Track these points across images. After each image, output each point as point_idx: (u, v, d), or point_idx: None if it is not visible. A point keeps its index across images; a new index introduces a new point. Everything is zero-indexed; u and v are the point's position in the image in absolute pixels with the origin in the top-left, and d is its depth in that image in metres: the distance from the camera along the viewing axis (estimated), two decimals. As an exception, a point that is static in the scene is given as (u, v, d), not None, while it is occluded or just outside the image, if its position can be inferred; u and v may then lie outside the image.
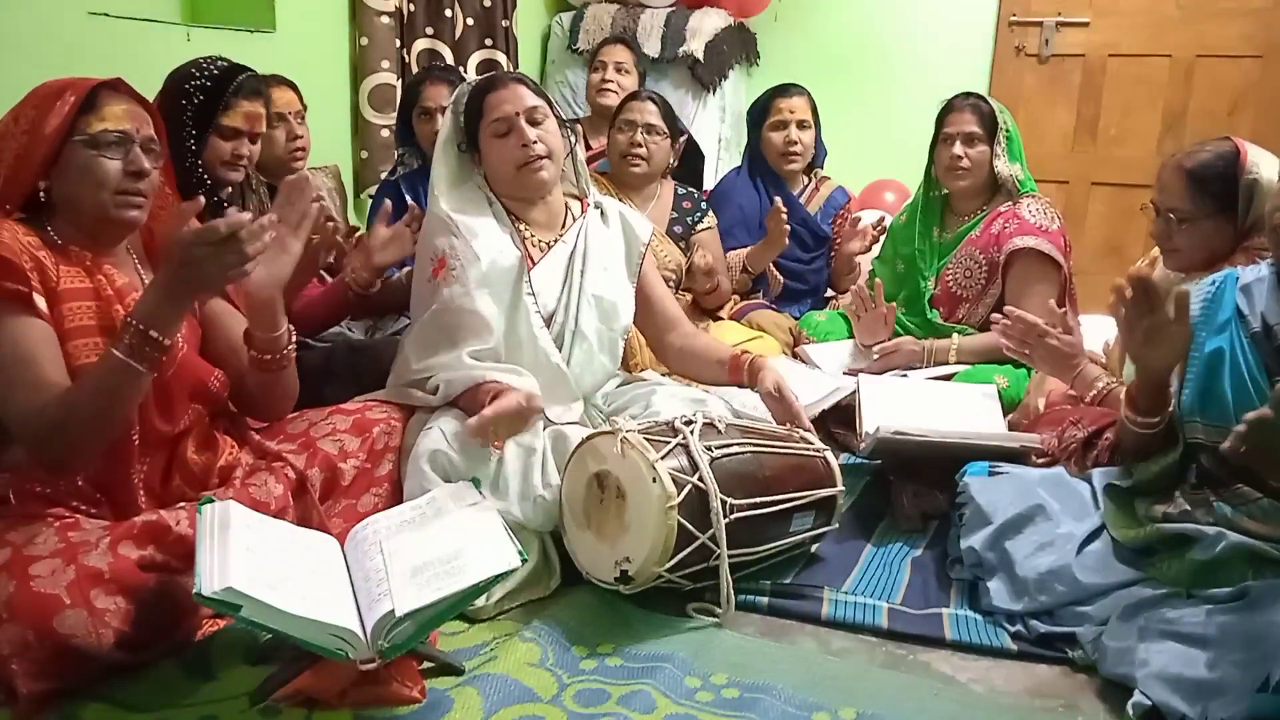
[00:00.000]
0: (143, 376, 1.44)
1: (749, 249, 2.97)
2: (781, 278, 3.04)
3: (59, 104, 1.51)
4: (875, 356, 2.54)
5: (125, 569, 1.41)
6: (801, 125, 3.06)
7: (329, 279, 2.35)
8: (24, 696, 1.31)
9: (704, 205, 2.96)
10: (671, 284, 2.69)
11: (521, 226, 2.01)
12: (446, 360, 1.87)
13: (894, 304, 2.61)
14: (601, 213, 2.12)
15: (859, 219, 3.10)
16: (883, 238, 2.90)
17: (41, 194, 1.54)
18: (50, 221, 1.56)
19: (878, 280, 2.68)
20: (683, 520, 1.58)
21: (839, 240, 3.10)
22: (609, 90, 3.34)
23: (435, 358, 1.89)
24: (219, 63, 2.06)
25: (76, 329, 1.51)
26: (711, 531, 1.61)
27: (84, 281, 1.54)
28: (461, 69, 3.53)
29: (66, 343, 1.50)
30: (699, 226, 2.91)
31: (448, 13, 3.61)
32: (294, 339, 1.70)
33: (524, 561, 1.45)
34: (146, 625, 1.40)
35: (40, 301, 1.47)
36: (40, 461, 1.49)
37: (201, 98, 2.00)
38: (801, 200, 3.14)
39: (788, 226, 2.79)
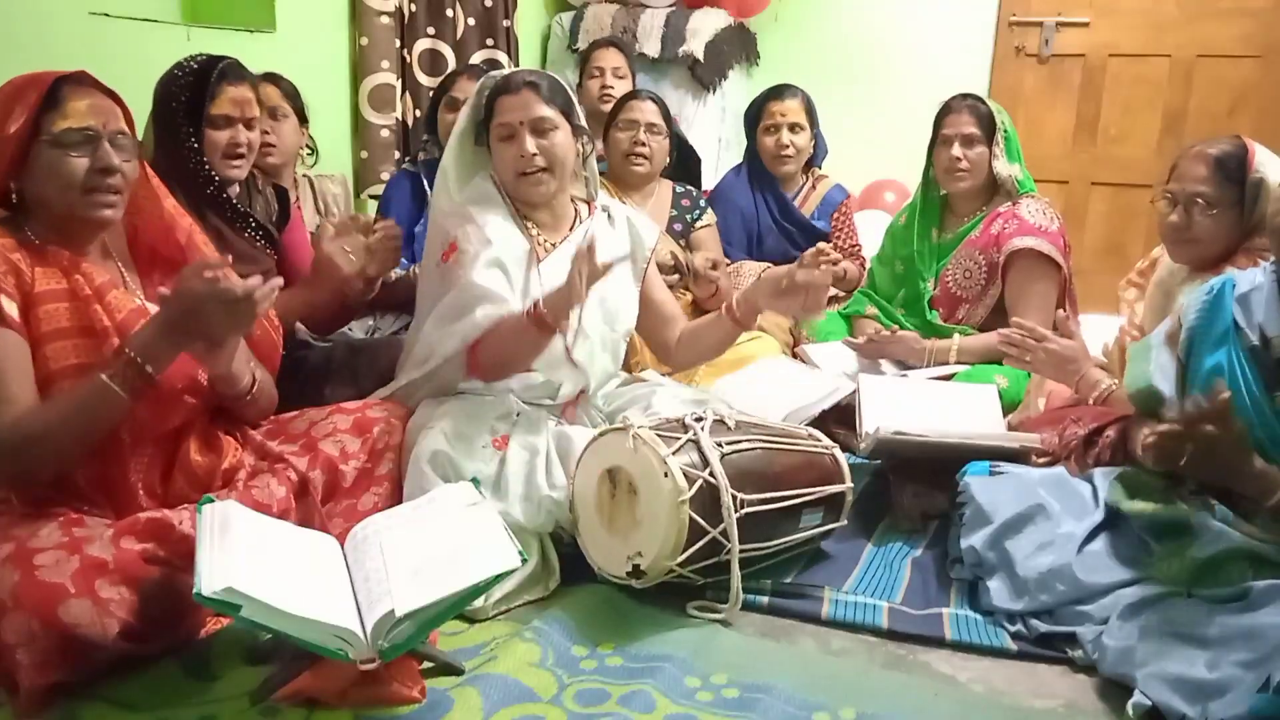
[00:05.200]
0: (124, 404, 1.44)
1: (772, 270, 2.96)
2: None
3: (21, 103, 1.47)
4: (872, 335, 2.53)
5: (129, 560, 1.41)
6: (794, 128, 3.05)
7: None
8: (25, 690, 1.31)
9: (703, 203, 2.96)
10: (670, 268, 2.68)
11: (529, 225, 2.02)
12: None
13: (899, 330, 2.59)
14: (609, 216, 2.12)
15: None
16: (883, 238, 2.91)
17: (13, 195, 1.52)
18: (27, 221, 1.54)
19: (877, 318, 2.67)
20: (694, 515, 1.59)
21: (835, 237, 3.09)
22: (610, 97, 3.29)
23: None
24: (199, 57, 2.03)
25: (53, 332, 1.49)
26: (723, 526, 1.62)
27: (60, 282, 1.52)
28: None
29: (44, 346, 1.49)
30: (698, 224, 2.91)
31: (449, 12, 3.61)
32: (256, 386, 1.69)
33: (524, 562, 1.45)
34: (151, 617, 1.40)
35: (11, 308, 1.45)
36: (3, 476, 1.49)
37: (188, 95, 1.98)
38: (797, 200, 3.14)
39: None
